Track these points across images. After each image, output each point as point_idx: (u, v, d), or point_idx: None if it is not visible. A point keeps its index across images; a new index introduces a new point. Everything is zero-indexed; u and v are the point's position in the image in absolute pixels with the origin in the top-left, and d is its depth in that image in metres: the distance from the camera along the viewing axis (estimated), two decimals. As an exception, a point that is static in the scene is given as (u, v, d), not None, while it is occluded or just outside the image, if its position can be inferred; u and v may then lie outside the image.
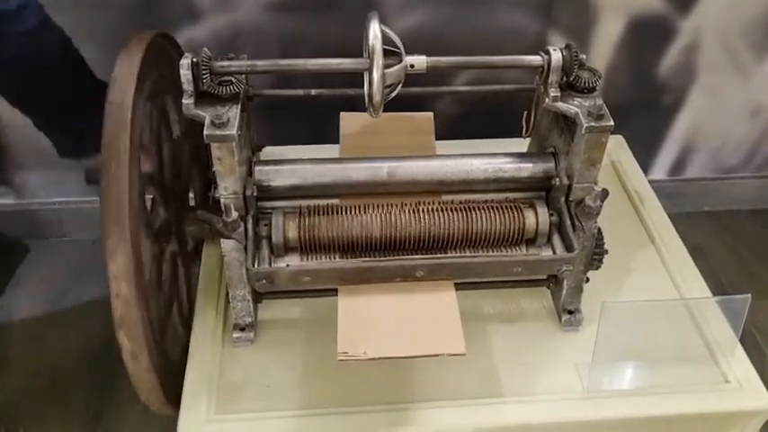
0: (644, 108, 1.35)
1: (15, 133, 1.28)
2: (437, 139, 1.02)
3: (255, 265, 0.80)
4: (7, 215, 1.38)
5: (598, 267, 0.86)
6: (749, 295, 0.79)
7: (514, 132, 0.95)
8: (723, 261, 1.46)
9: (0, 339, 1.27)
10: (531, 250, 0.86)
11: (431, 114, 1.02)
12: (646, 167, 1.45)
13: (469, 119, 1.28)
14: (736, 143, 1.45)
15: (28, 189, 1.36)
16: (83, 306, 1.33)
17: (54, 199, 1.38)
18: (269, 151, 1.04)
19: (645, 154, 1.41)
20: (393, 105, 0.79)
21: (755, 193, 1.54)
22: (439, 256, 0.83)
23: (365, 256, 0.84)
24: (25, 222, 1.40)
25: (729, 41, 1.28)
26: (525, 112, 0.90)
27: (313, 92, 0.86)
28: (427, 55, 1.04)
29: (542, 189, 0.88)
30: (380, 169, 0.85)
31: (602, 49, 1.26)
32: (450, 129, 1.18)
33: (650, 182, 1.14)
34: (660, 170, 1.47)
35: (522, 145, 0.96)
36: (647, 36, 1.25)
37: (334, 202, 0.87)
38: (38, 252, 1.43)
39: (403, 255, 0.84)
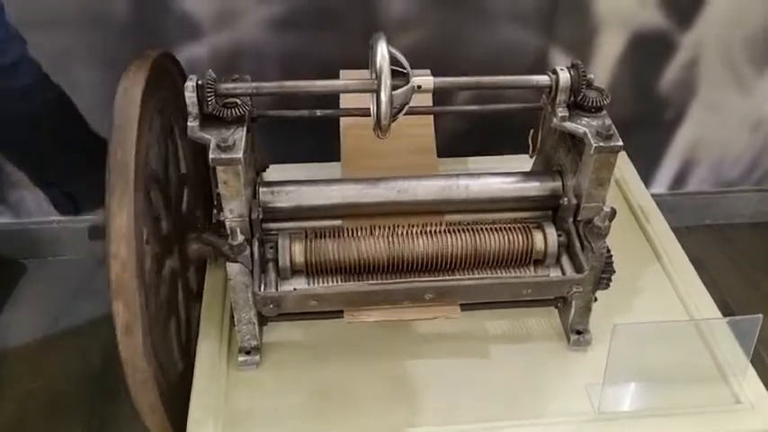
0: (645, 122, 1.35)
1: (12, 152, 1.26)
2: (441, 156, 1.01)
3: (262, 289, 0.79)
4: (4, 234, 1.37)
5: (607, 287, 0.86)
6: (760, 316, 0.78)
7: (518, 147, 0.94)
8: (725, 274, 1.46)
9: (-3, 359, 1.26)
10: (540, 271, 0.85)
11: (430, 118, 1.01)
12: (647, 181, 1.44)
13: (473, 135, 1.28)
14: (737, 157, 1.45)
15: (25, 208, 1.35)
16: (80, 325, 1.32)
17: (51, 218, 1.37)
18: (271, 168, 1.02)
19: (646, 168, 1.41)
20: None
21: (756, 207, 1.54)
22: (447, 278, 0.82)
23: (372, 279, 0.83)
24: (22, 241, 1.39)
25: (730, 56, 1.28)
26: (531, 131, 0.89)
27: (318, 112, 0.85)
28: (431, 71, 1.05)
29: (549, 208, 0.88)
30: (386, 190, 0.85)
31: (604, 64, 1.26)
32: (453, 145, 1.17)
33: (651, 196, 1.14)
34: (661, 184, 1.47)
35: (526, 161, 0.95)
36: (648, 51, 1.25)
37: (339, 222, 0.86)
38: (35, 271, 1.41)
39: (410, 276, 0.83)
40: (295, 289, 0.80)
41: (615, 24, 1.21)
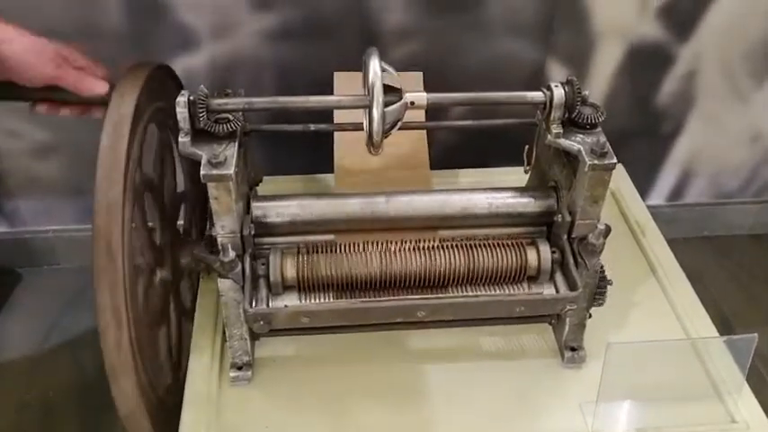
0: (643, 134, 1.34)
1: (9, 161, 1.26)
2: (435, 168, 1.00)
3: (253, 306, 0.78)
4: (0, 243, 1.36)
5: (601, 304, 0.85)
6: (755, 335, 0.77)
7: (513, 160, 0.94)
8: (723, 286, 1.45)
9: (-9, 368, 1.26)
10: (534, 287, 0.84)
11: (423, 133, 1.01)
12: (645, 192, 1.44)
13: (467, 147, 1.27)
14: (736, 168, 1.44)
15: (21, 217, 1.35)
16: (75, 334, 1.32)
17: (47, 227, 1.36)
18: (265, 180, 1.02)
19: (644, 179, 1.41)
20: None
21: (755, 218, 1.53)
22: (440, 296, 0.81)
23: (364, 294, 0.82)
24: (18, 250, 1.38)
25: (728, 68, 1.27)
26: (527, 147, 0.89)
27: (312, 127, 0.85)
28: (425, 82, 1.05)
29: (543, 224, 0.87)
30: (379, 205, 0.84)
31: (601, 76, 1.25)
32: (448, 157, 1.17)
33: (649, 207, 1.13)
34: (659, 195, 1.47)
35: (520, 173, 0.95)
36: (646, 63, 1.24)
37: (331, 237, 0.85)
38: (30, 280, 1.41)
39: (403, 292, 0.83)
40: (286, 306, 0.80)
41: (613, 36, 1.21)
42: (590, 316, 0.87)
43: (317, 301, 0.82)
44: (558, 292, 0.83)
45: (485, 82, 1.21)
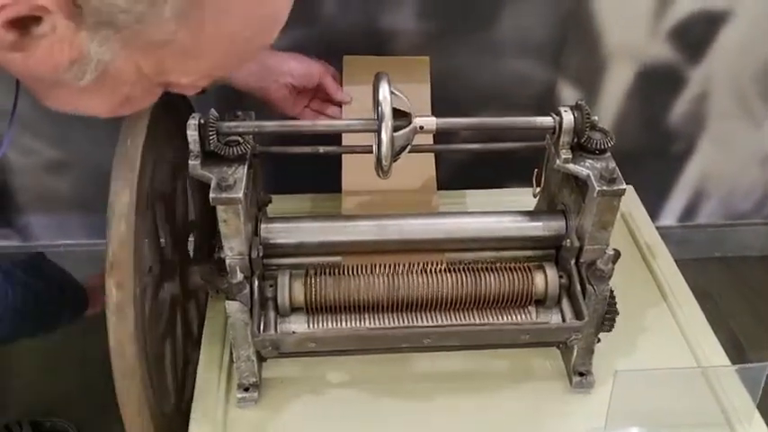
0: (654, 155, 1.34)
1: (21, 177, 1.27)
2: (442, 188, 1.00)
3: (261, 331, 0.79)
4: (11, 257, 1.37)
5: (610, 330, 0.84)
6: (767, 364, 0.77)
7: (522, 180, 0.94)
8: (734, 308, 1.44)
9: (-1, 383, 1.26)
10: (541, 312, 0.84)
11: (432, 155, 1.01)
12: (656, 213, 1.44)
13: (475, 167, 1.27)
14: (747, 190, 1.43)
15: (32, 232, 1.36)
16: (84, 349, 1.32)
17: (58, 242, 1.37)
18: (273, 198, 1.02)
19: (655, 200, 1.40)
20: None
21: (767, 240, 1.52)
22: (447, 324, 0.81)
23: (372, 316, 0.82)
24: (29, 265, 1.39)
25: (740, 89, 1.27)
26: (536, 170, 0.89)
27: (321, 149, 0.85)
28: (434, 104, 1.05)
29: (552, 247, 0.87)
30: (387, 228, 0.84)
31: (612, 97, 1.25)
32: (456, 177, 1.17)
33: (660, 228, 1.13)
34: (670, 216, 1.46)
35: (528, 194, 0.94)
36: (657, 84, 1.24)
37: (338, 259, 0.85)
38: (41, 294, 1.41)
39: (409, 314, 0.83)
40: (294, 332, 0.80)
41: (624, 58, 1.21)
42: (599, 341, 0.86)
43: (325, 323, 0.82)
44: (564, 317, 0.83)
45: (495, 102, 1.22)
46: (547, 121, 0.78)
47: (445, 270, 0.82)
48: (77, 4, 0.49)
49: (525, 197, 0.95)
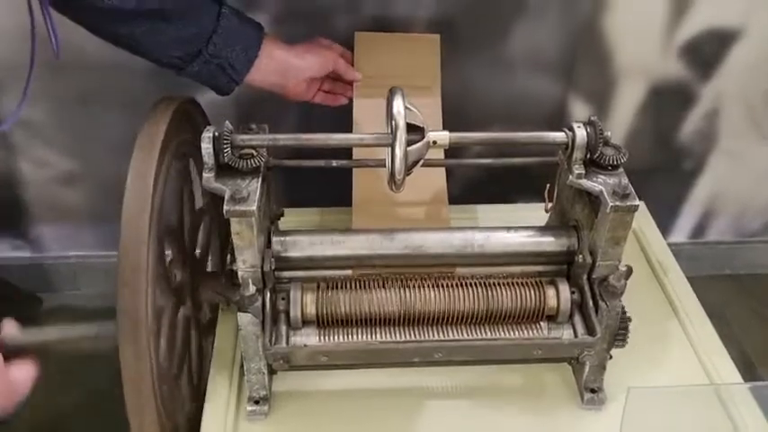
0: (664, 172, 1.34)
1: (33, 188, 1.28)
2: (453, 203, 1.00)
3: (272, 343, 0.79)
4: (22, 268, 1.38)
5: (622, 346, 0.84)
6: (780, 382, 0.76)
7: (533, 195, 0.94)
8: (745, 325, 1.43)
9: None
10: (553, 327, 0.84)
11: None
12: (667, 230, 1.43)
13: (487, 182, 1.28)
14: (759, 207, 1.43)
15: (44, 243, 1.37)
16: (94, 360, 1.32)
17: (70, 253, 1.38)
18: (285, 212, 1.02)
19: (666, 217, 1.40)
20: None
21: (777, 258, 1.52)
22: (458, 339, 0.81)
23: (383, 330, 0.82)
24: (40, 275, 1.40)
25: (751, 107, 1.27)
26: (548, 186, 0.89)
27: (334, 163, 0.86)
28: (445, 119, 1.06)
29: (564, 263, 0.87)
30: (398, 243, 0.84)
31: (623, 114, 1.25)
32: (467, 192, 1.17)
33: (671, 244, 1.12)
34: (681, 233, 1.46)
35: (540, 210, 0.94)
36: (668, 101, 1.24)
37: (350, 272, 0.85)
38: (51, 305, 1.42)
39: (420, 328, 0.83)
40: (306, 345, 0.80)
41: (635, 74, 1.21)
42: (611, 357, 0.86)
43: (336, 336, 0.82)
44: (576, 333, 0.83)
45: (506, 117, 1.22)
46: (560, 136, 0.78)
47: (457, 284, 0.82)
48: None
49: (536, 212, 0.95)
